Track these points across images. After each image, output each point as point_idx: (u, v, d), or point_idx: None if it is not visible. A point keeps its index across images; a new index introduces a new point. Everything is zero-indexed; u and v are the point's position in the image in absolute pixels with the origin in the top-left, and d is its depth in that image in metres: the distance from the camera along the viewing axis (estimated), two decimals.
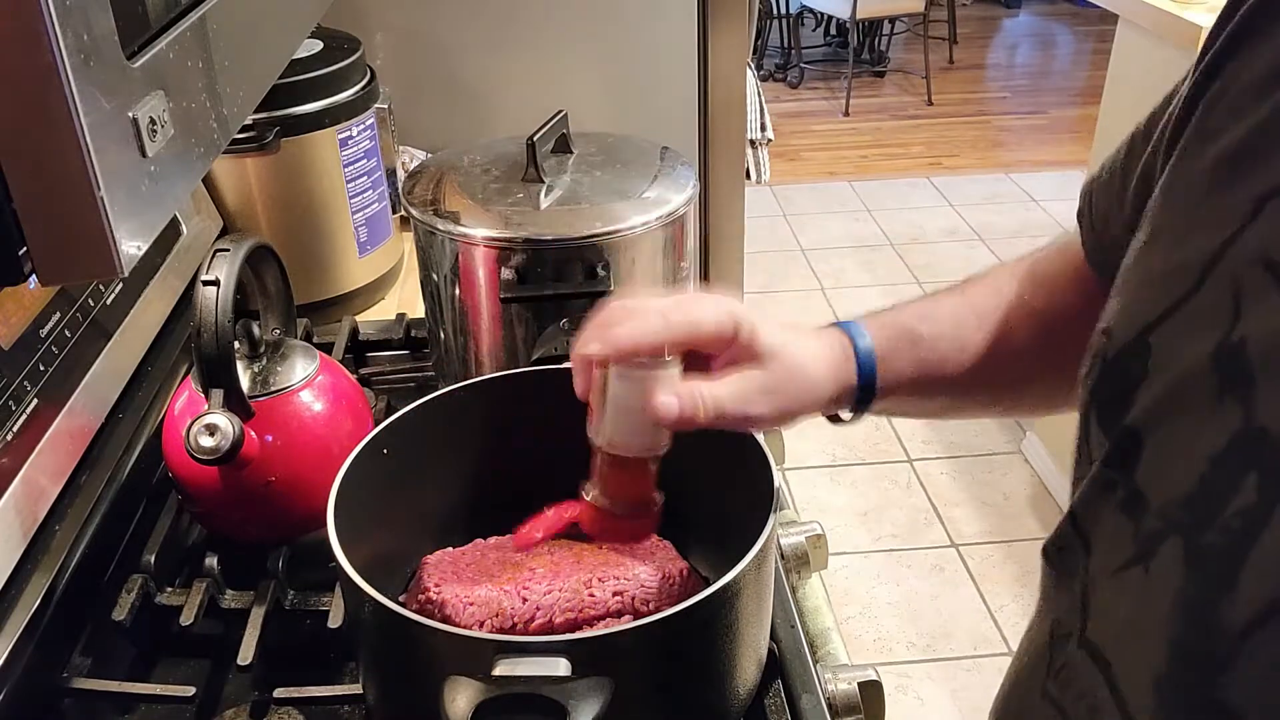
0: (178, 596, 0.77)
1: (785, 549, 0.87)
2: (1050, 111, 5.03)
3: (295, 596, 0.79)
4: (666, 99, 1.55)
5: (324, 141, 1.17)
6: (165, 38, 0.47)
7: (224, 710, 0.73)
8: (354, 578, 0.59)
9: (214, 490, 0.78)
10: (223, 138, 0.55)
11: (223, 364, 0.73)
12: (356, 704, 0.72)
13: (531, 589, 0.68)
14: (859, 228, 3.94)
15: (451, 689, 0.56)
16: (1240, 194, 0.42)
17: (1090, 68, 5.66)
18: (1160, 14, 1.92)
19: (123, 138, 0.42)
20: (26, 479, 0.73)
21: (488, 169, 0.98)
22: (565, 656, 0.54)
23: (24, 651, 0.68)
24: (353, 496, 0.66)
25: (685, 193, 0.94)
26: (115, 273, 0.42)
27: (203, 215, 1.15)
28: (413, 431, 0.73)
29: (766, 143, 2.21)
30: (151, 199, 0.44)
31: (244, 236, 0.78)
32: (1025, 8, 6.71)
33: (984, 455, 2.73)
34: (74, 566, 0.76)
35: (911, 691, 2.09)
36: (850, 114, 5.03)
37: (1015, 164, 4.42)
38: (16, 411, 0.73)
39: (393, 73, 1.45)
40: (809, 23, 5.98)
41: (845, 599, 2.30)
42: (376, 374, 1.11)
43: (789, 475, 2.66)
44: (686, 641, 0.61)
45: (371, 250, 1.26)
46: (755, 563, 0.60)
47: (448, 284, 0.94)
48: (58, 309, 0.82)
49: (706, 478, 0.74)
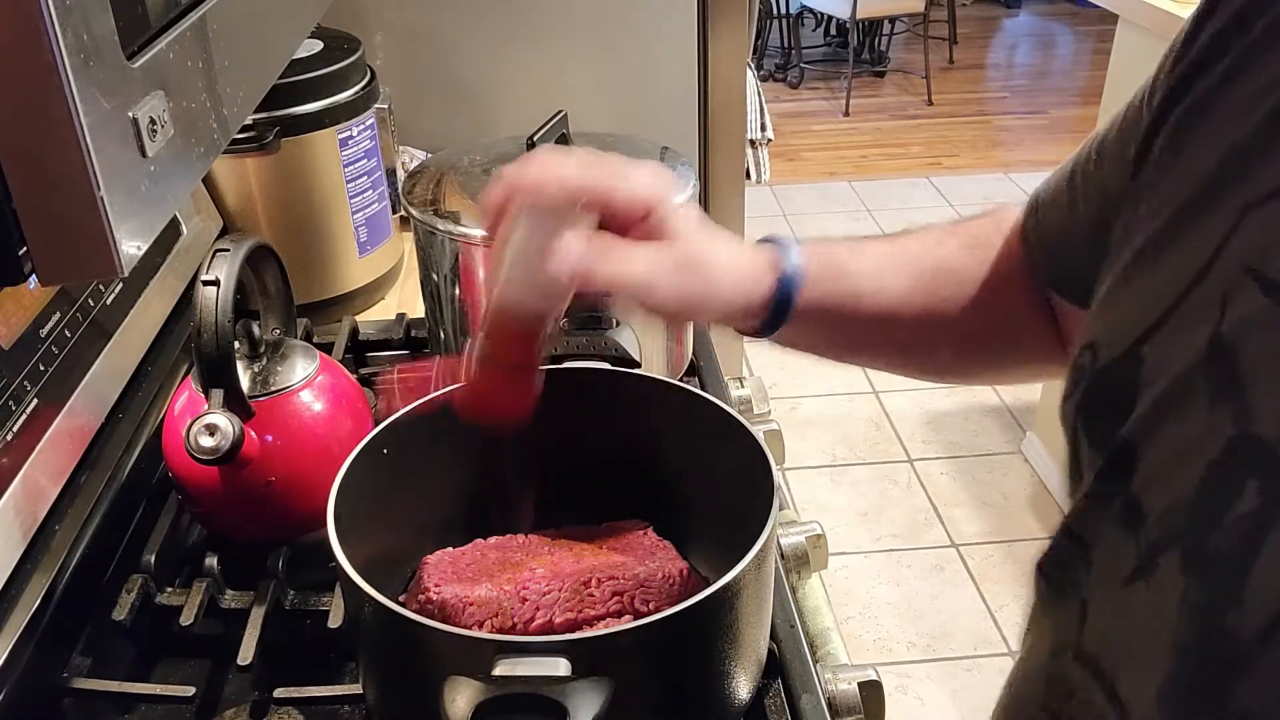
0: (178, 596, 0.77)
1: (785, 549, 0.87)
2: (1050, 111, 5.03)
3: (295, 596, 0.79)
4: (666, 99, 1.55)
5: (324, 141, 1.17)
6: (165, 38, 0.47)
7: (224, 710, 0.73)
8: (354, 578, 0.59)
9: (214, 490, 0.78)
10: (223, 138, 0.55)
11: (223, 364, 0.73)
12: (356, 704, 0.72)
13: (531, 589, 0.68)
14: (859, 228, 3.94)
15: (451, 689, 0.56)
16: (1225, 205, 0.42)
17: (1090, 68, 5.66)
18: (1160, 14, 1.92)
19: (123, 138, 0.42)
20: (26, 479, 0.73)
21: (488, 169, 0.98)
22: (565, 656, 0.54)
23: (24, 651, 0.68)
24: (353, 496, 0.66)
25: (685, 193, 0.94)
26: (115, 273, 0.42)
27: (203, 215, 1.15)
28: (413, 432, 0.73)
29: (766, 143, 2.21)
30: (151, 199, 0.44)
31: (244, 236, 0.78)
32: (1025, 8, 6.71)
33: (984, 455, 2.73)
34: (74, 566, 0.76)
35: (911, 691, 2.09)
36: (850, 114, 5.04)
37: (1015, 164, 4.43)
38: (16, 411, 0.73)
39: (393, 73, 1.45)
40: (809, 23, 5.98)
41: (845, 599, 2.30)
42: (376, 374, 1.11)
43: (789, 475, 2.66)
44: (686, 641, 0.61)
45: (371, 250, 1.26)
46: (755, 563, 0.60)
47: (448, 284, 0.94)
48: (58, 309, 0.82)
49: (706, 478, 0.75)
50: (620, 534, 0.76)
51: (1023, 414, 2.86)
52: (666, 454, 0.77)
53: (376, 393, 0.89)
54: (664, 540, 0.76)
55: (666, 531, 0.77)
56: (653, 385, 0.76)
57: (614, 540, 0.75)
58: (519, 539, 0.76)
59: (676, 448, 0.77)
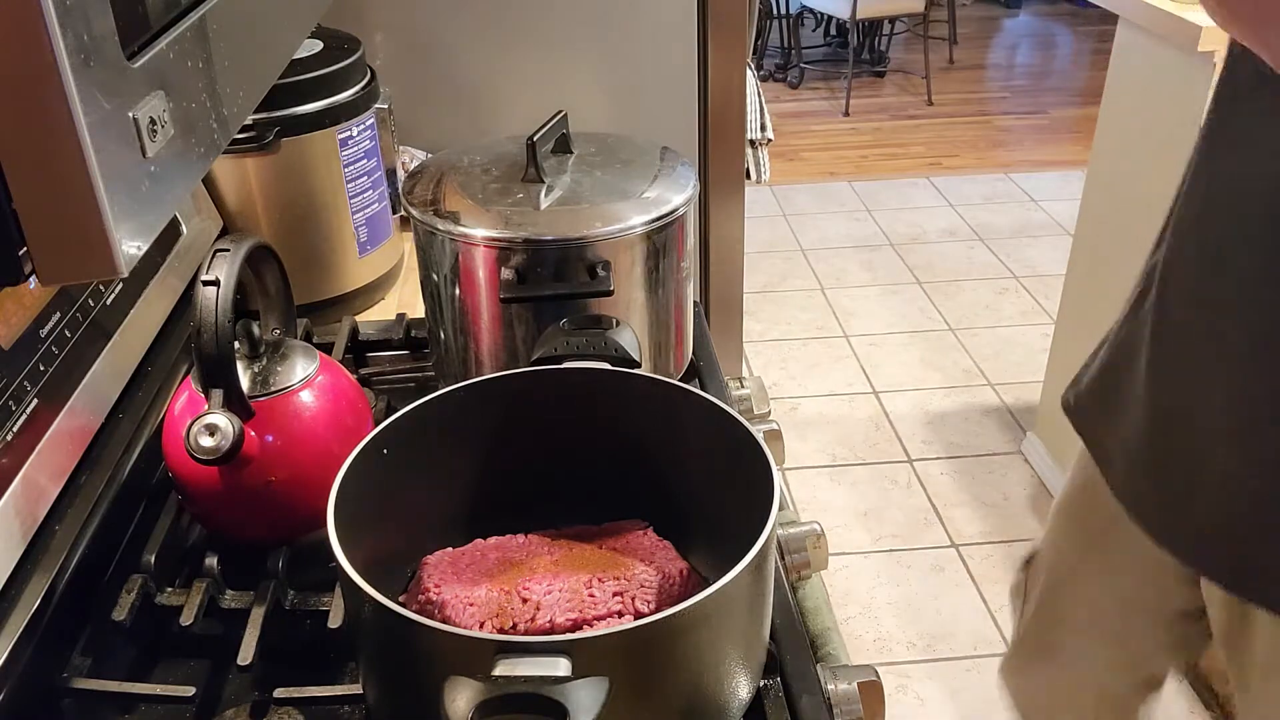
0: (178, 596, 0.77)
1: (785, 549, 0.87)
2: (1050, 111, 5.03)
3: (295, 596, 0.79)
4: (666, 99, 1.55)
5: (324, 141, 1.17)
6: (165, 38, 0.47)
7: (224, 710, 0.73)
8: (354, 578, 0.59)
9: (214, 490, 0.78)
10: (223, 138, 0.55)
11: (223, 364, 0.73)
12: (356, 704, 0.72)
13: (531, 589, 0.68)
14: (859, 228, 3.94)
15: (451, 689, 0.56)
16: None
17: (1090, 68, 5.67)
18: (1160, 14, 1.92)
19: (123, 138, 0.42)
20: (26, 479, 0.73)
21: (488, 169, 0.98)
22: (565, 656, 0.54)
23: (24, 651, 0.68)
24: (353, 496, 0.66)
25: (685, 193, 0.94)
26: (115, 273, 0.42)
27: (203, 215, 1.15)
28: (413, 431, 0.73)
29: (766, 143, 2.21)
30: (151, 199, 0.44)
31: (244, 236, 0.78)
32: (1025, 8, 6.71)
33: (984, 455, 2.73)
34: (74, 566, 0.76)
35: (911, 691, 2.09)
36: (850, 114, 5.04)
37: (1015, 164, 4.42)
38: (16, 411, 0.73)
39: (393, 73, 1.45)
40: (809, 23, 5.98)
41: (845, 599, 2.30)
42: (376, 374, 1.11)
43: (789, 475, 2.66)
44: (687, 641, 0.61)
45: (371, 250, 1.26)
46: (755, 563, 0.60)
47: (448, 284, 0.94)
48: (58, 309, 0.82)
49: (706, 478, 0.75)
50: (620, 534, 0.76)
51: (1023, 414, 2.86)
52: (667, 454, 0.77)
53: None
54: (664, 540, 0.76)
55: (666, 531, 0.77)
56: (653, 385, 0.76)
57: (614, 540, 0.75)
58: (519, 539, 0.76)
59: (677, 448, 0.77)
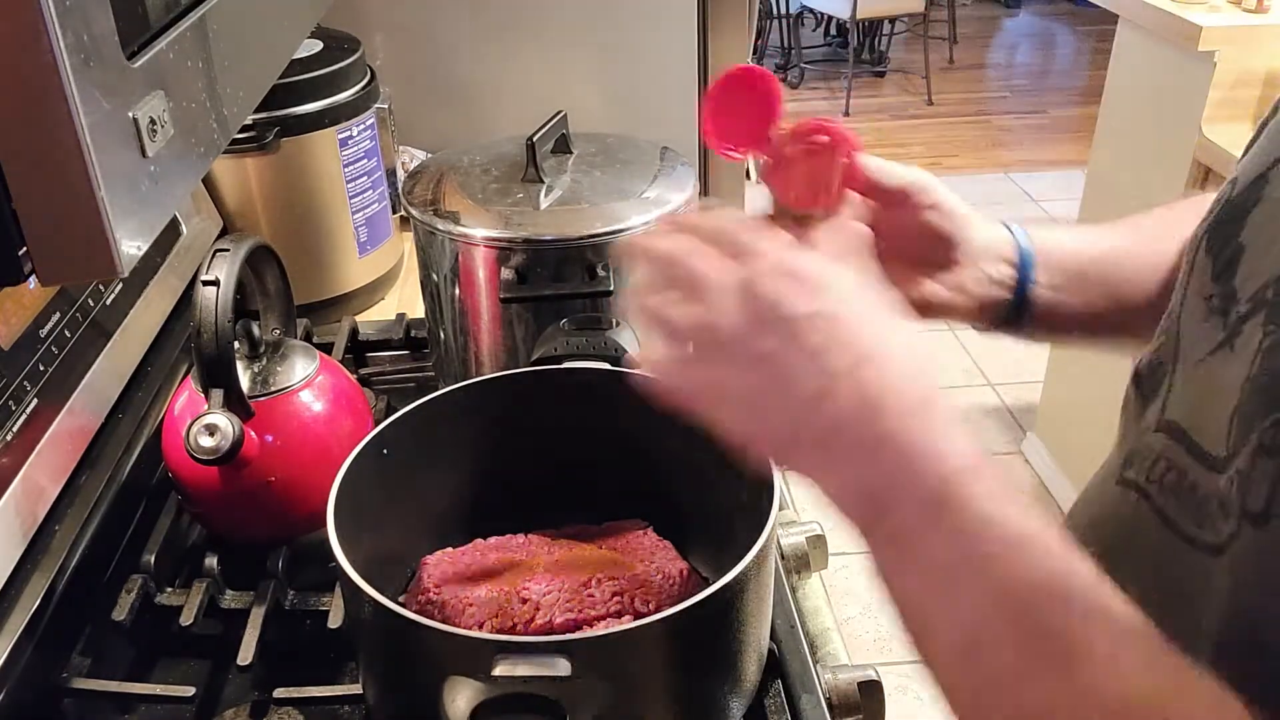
0: (178, 596, 0.77)
1: (785, 549, 0.87)
2: (1050, 111, 5.03)
3: (295, 596, 0.79)
4: (666, 99, 1.55)
5: (324, 141, 1.17)
6: (165, 38, 0.47)
7: (224, 710, 0.73)
8: (354, 578, 0.59)
9: (214, 490, 0.78)
10: (223, 138, 0.55)
11: (223, 364, 0.73)
12: (356, 704, 0.72)
13: (531, 589, 0.68)
14: None
15: (451, 689, 0.56)
16: None
17: (1090, 68, 5.66)
18: (1160, 14, 1.92)
19: (123, 138, 0.42)
20: (26, 479, 0.73)
21: (488, 169, 0.98)
22: (565, 656, 0.54)
23: (24, 651, 0.68)
24: (353, 496, 0.66)
25: (685, 193, 0.94)
26: (115, 273, 0.42)
27: (203, 215, 1.15)
28: (413, 431, 0.73)
29: None
30: (151, 199, 0.44)
31: (244, 236, 0.78)
32: (1025, 8, 6.71)
33: None
34: (74, 566, 0.76)
35: (911, 691, 2.09)
36: (850, 114, 5.03)
37: (1015, 164, 4.42)
38: (16, 411, 0.73)
39: (393, 73, 1.45)
40: (809, 23, 5.98)
41: (845, 599, 2.30)
42: (376, 374, 1.11)
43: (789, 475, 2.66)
44: (686, 642, 0.61)
45: (371, 250, 1.26)
46: (755, 563, 0.60)
47: (448, 284, 0.94)
48: (58, 309, 0.82)
49: (706, 478, 0.74)
50: (620, 534, 0.76)
51: (1023, 414, 2.86)
52: (667, 454, 0.77)
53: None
54: (664, 540, 0.76)
55: (666, 531, 0.77)
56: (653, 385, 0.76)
57: (614, 540, 0.75)
58: (519, 539, 0.76)
59: (677, 448, 0.76)
